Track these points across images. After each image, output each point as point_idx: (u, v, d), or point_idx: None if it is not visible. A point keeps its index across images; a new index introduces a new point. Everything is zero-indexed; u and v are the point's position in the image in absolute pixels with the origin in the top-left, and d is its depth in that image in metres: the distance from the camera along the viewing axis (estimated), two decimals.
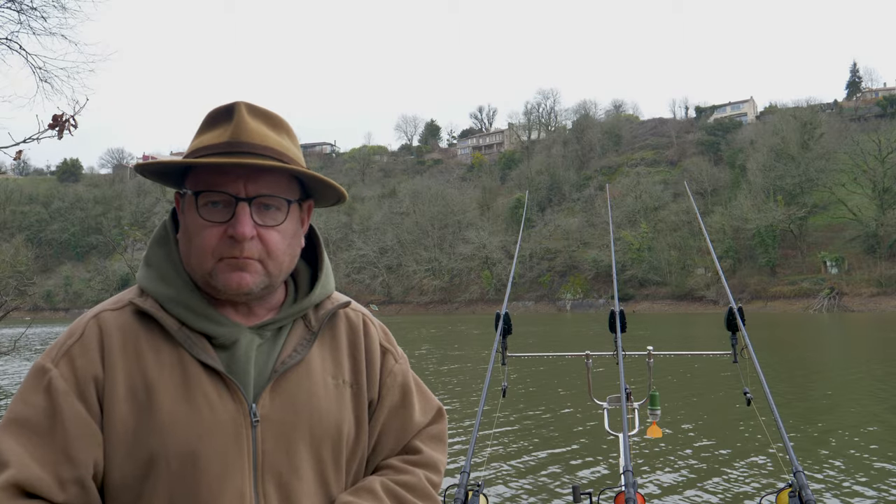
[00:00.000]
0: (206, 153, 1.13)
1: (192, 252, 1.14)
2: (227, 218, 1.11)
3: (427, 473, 1.28)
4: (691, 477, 7.72)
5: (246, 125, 1.13)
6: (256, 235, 1.12)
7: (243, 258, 1.12)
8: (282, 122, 1.20)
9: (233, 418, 1.11)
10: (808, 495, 2.13)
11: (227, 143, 1.12)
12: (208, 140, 1.14)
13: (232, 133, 1.12)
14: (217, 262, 1.12)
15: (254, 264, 1.13)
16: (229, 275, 1.12)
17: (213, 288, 1.14)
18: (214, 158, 1.11)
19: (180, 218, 1.20)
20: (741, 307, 3.25)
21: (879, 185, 61.29)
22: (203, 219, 1.12)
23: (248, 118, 1.14)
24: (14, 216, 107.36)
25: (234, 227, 1.10)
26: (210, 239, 1.12)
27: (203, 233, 1.12)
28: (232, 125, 1.13)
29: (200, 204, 1.12)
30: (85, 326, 1.13)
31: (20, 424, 1.06)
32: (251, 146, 1.12)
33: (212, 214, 1.12)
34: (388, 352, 1.34)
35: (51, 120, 3.51)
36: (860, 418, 10.90)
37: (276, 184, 1.15)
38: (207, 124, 1.17)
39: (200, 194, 1.12)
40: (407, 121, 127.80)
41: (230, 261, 1.12)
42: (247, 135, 1.13)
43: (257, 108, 1.17)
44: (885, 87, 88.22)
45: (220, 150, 1.12)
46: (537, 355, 4.44)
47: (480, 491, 2.49)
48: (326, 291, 1.28)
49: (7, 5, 9.68)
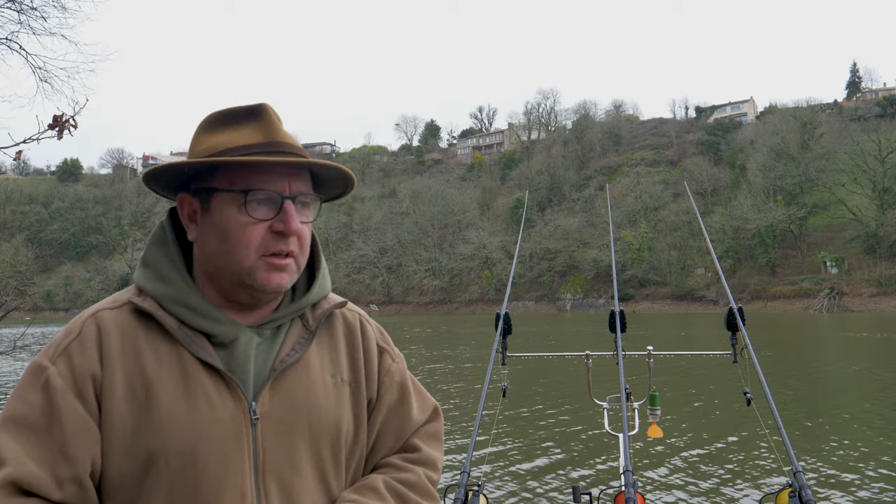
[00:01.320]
0: (243, 153, 1.14)
1: (227, 250, 1.14)
2: (271, 215, 1.14)
3: (427, 471, 1.29)
4: (691, 477, 7.72)
5: (278, 126, 1.17)
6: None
7: (288, 251, 1.15)
8: None
9: (232, 416, 1.11)
10: (807, 495, 2.13)
11: (267, 142, 1.15)
12: (239, 139, 1.15)
13: (268, 133, 1.15)
14: (258, 259, 1.14)
15: (291, 265, 1.16)
16: (269, 274, 1.14)
17: (248, 287, 1.15)
18: (261, 157, 1.13)
19: (188, 219, 1.20)
20: (741, 307, 3.24)
21: (879, 185, 61.28)
22: (249, 216, 1.13)
23: (276, 120, 1.18)
24: (14, 216, 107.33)
25: (285, 223, 1.13)
26: (255, 236, 1.13)
27: (247, 229, 1.13)
28: (264, 125, 1.16)
29: (248, 202, 1.13)
30: (83, 325, 1.13)
31: (17, 422, 1.05)
32: (288, 146, 1.16)
33: (257, 212, 1.13)
34: (385, 351, 1.35)
35: (51, 120, 3.51)
36: (860, 418, 10.90)
37: (307, 183, 1.19)
38: (224, 123, 1.18)
39: (250, 192, 1.13)
40: (407, 121, 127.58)
41: (272, 259, 1.14)
42: (282, 135, 1.16)
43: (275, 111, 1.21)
44: (885, 87, 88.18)
45: (260, 149, 1.14)
46: (537, 355, 4.44)
47: (480, 491, 2.49)
48: (323, 291, 1.29)
49: (7, 5, 9.67)
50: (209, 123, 1.19)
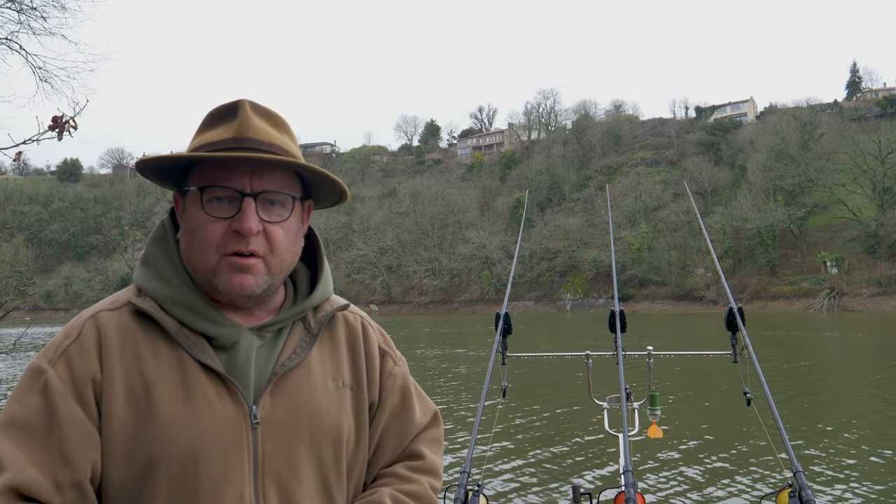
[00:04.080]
0: (210, 149, 1.12)
1: (194, 249, 1.13)
2: (232, 213, 1.11)
3: (430, 480, 1.29)
4: (691, 477, 7.72)
5: (250, 122, 1.13)
6: (261, 231, 1.12)
7: (248, 251, 1.11)
8: (283, 122, 1.21)
9: (233, 420, 1.09)
10: (807, 495, 2.13)
11: (231, 139, 1.12)
12: (212, 137, 1.14)
13: (237, 129, 1.12)
14: (221, 258, 1.11)
15: (257, 265, 1.12)
16: (231, 275, 1.11)
17: (215, 288, 1.13)
18: (212, 153, 1.10)
19: (180, 218, 1.19)
20: (741, 307, 3.24)
21: (879, 185, 61.21)
22: (208, 214, 1.11)
23: (252, 115, 1.14)
24: (14, 216, 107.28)
25: (239, 222, 1.10)
26: (215, 234, 1.11)
27: (207, 228, 1.11)
28: (237, 122, 1.13)
29: (205, 199, 1.11)
30: (82, 327, 1.11)
31: (16, 426, 1.03)
32: (256, 142, 1.12)
33: (216, 210, 1.11)
34: (386, 354, 1.34)
35: (51, 121, 3.51)
36: (860, 418, 10.90)
37: (280, 180, 1.15)
38: (210, 122, 1.17)
39: (206, 190, 1.11)
40: (407, 121, 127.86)
41: (234, 259, 1.11)
42: (251, 131, 1.13)
43: (260, 106, 1.18)
44: (885, 87, 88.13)
45: (224, 145, 1.12)
46: (537, 355, 4.44)
47: (480, 491, 2.49)
48: (326, 294, 1.27)
49: (7, 5, 9.66)
50: (202, 122, 1.19)
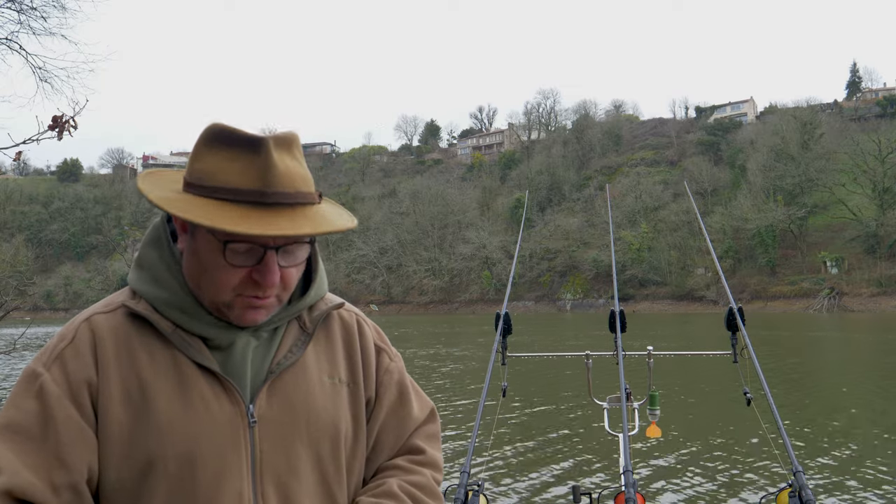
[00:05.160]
0: (231, 196, 1.05)
1: (206, 282, 1.12)
2: (252, 262, 1.09)
3: (433, 473, 1.30)
4: (691, 477, 7.72)
5: (276, 169, 1.06)
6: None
7: (265, 297, 1.12)
8: (294, 141, 1.13)
9: (230, 420, 1.10)
10: (807, 495, 2.14)
11: (259, 190, 1.05)
12: (231, 177, 1.06)
13: (262, 177, 1.05)
14: (236, 297, 1.11)
15: (271, 302, 1.14)
16: (245, 311, 1.12)
17: (224, 315, 1.14)
18: (245, 208, 1.05)
19: (178, 226, 1.16)
20: (741, 307, 3.24)
21: (879, 185, 61.22)
22: (227, 262, 1.08)
23: (276, 157, 1.07)
24: (14, 216, 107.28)
25: (262, 275, 1.09)
26: (232, 280, 1.09)
27: (225, 273, 1.09)
28: (260, 163, 1.06)
29: (227, 249, 1.08)
30: (76, 330, 1.11)
31: (12, 430, 1.04)
32: (283, 196, 1.06)
33: (236, 258, 1.08)
34: (382, 350, 1.34)
35: (51, 121, 3.51)
36: (860, 418, 10.91)
37: None
38: (223, 144, 1.08)
39: (229, 244, 1.07)
40: (407, 121, 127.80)
41: (251, 300, 1.11)
42: (278, 180, 1.06)
43: (279, 137, 1.10)
44: (885, 87, 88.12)
45: (250, 197, 1.05)
46: (537, 355, 4.45)
47: (480, 491, 2.49)
48: (320, 293, 1.28)
49: (7, 5, 9.69)
50: (210, 139, 1.09)
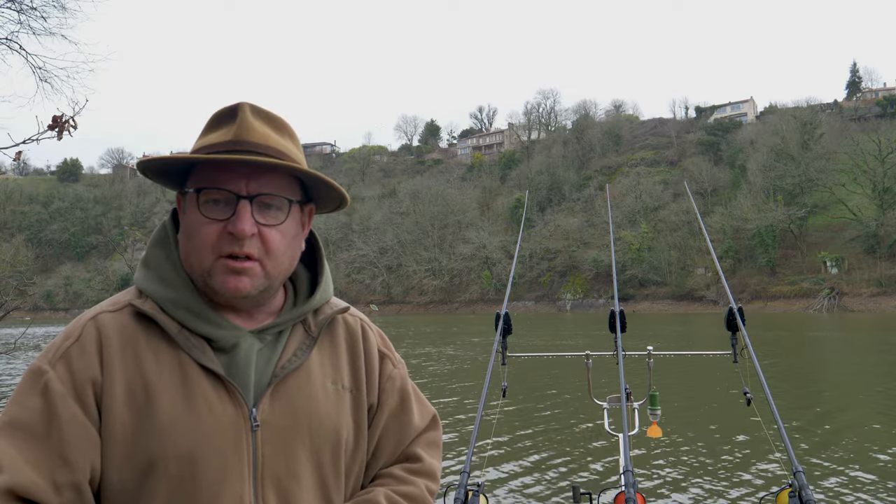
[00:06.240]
0: (210, 151, 1.13)
1: (191, 250, 1.14)
2: (228, 215, 1.11)
3: (427, 483, 1.29)
4: (691, 477, 7.72)
5: (249, 125, 1.13)
6: (257, 233, 1.12)
7: (243, 253, 1.11)
8: (285, 125, 1.20)
9: (233, 422, 1.10)
10: (808, 495, 2.13)
11: (230, 141, 1.12)
12: (212, 139, 1.14)
13: (235, 132, 1.13)
14: (216, 259, 1.11)
15: (252, 268, 1.12)
16: (226, 277, 1.11)
17: (211, 289, 1.13)
18: (209, 155, 1.11)
19: (181, 218, 1.19)
20: (741, 307, 3.23)
21: (879, 185, 61.19)
22: (204, 216, 1.12)
23: (252, 118, 1.15)
24: (14, 216, 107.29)
25: (234, 225, 1.10)
26: (210, 236, 1.11)
27: (203, 229, 1.12)
28: (235, 125, 1.13)
29: (201, 201, 1.12)
30: (83, 328, 1.11)
31: (15, 427, 1.04)
32: (254, 145, 1.12)
33: (212, 212, 1.12)
34: (386, 357, 1.34)
35: (50, 121, 3.51)
36: (861, 418, 10.90)
37: (277, 183, 1.15)
38: (212, 125, 1.17)
39: (202, 191, 1.12)
40: (407, 121, 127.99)
41: (229, 261, 1.11)
42: (249, 134, 1.13)
43: (261, 109, 1.17)
44: (885, 87, 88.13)
45: (223, 148, 1.12)
46: (537, 355, 4.43)
47: (480, 491, 2.49)
48: (326, 297, 1.28)
49: (7, 5, 9.69)
50: (205, 125, 1.19)
